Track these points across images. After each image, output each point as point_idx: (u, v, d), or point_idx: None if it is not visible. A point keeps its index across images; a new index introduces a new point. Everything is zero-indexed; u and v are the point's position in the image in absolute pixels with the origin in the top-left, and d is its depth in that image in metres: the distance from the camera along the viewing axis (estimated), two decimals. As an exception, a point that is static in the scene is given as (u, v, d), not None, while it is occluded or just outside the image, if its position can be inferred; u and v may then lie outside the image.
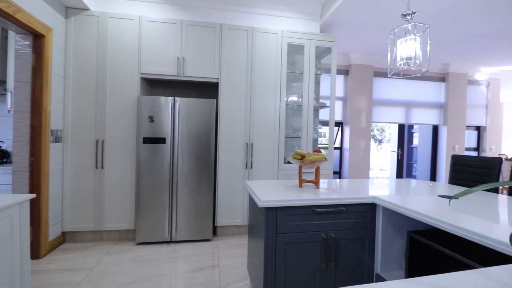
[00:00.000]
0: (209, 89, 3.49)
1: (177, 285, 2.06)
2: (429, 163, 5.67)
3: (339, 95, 4.81)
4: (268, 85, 3.10)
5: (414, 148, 6.38)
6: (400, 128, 5.80)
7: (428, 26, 1.95)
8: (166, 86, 3.38)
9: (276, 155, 3.13)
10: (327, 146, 3.42)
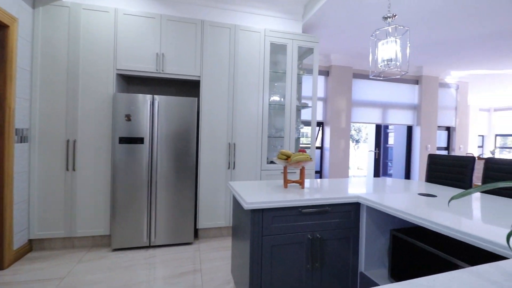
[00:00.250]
0: (190, 87, 3.39)
1: (157, 293, 1.96)
2: (404, 162, 5.91)
3: (320, 96, 4.88)
4: (251, 84, 3.06)
5: (389, 148, 6.63)
6: (377, 128, 6.01)
7: (408, 29, 2.00)
8: (144, 83, 3.23)
9: (259, 155, 3.10)
10: (309, 146, 3.44)
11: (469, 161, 2.12)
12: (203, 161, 2.91)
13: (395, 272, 1.58)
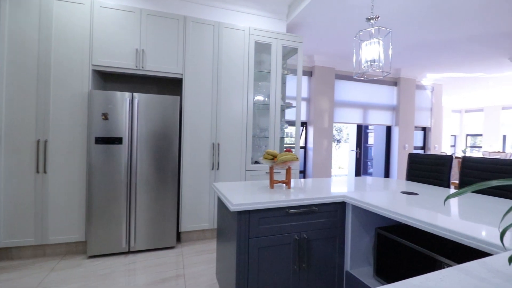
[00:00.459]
0: (172, 85, 3.28)
1: (138, 300, 1.86)
2: (383, 161, 6.10)
3: (303, 96, 4.91)
4: (235, 83, 3.01)
5: (369, 147, 6.81)
6: (358, 129, 6.15)
7: (390, 31, 2.04)
8: (123, 81, 3.08)
9: (244, 155, 3.06)
10: (293, 146, 3.44)
11: (447, 160, 2.20)
12: (186, 162, 2.82)
13: (380, 270, 1.60)
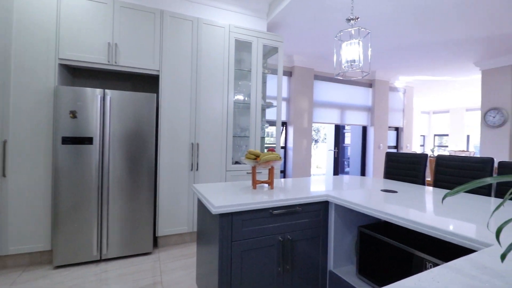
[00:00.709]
0: (148, 82, 3.12)
1: (111, 313, 1.73)
2: (360, 160, 6.28)
3: (283, 96, 4.92)
4: (215, 82, 2.92)
5: (346, 147, 7.00)
6: (336, 129, 6.29)
7: (369, 32, 2.07)
8: (94, 77, 2.88)
9: (224, 156, 2.98)
10: (274, 145, 3.42)
11: (422, 158, 2.29)
12: (163, 163, 2.70)
13: (363, 269, 1.61)
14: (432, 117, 9.94)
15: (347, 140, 7.01)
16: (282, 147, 5.05)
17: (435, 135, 9.94)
